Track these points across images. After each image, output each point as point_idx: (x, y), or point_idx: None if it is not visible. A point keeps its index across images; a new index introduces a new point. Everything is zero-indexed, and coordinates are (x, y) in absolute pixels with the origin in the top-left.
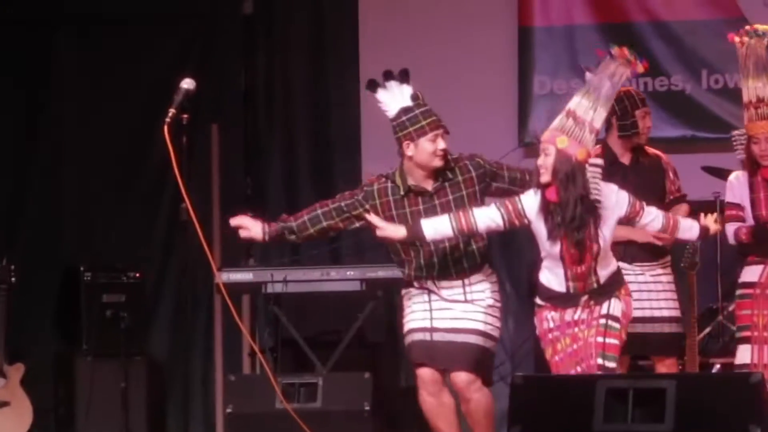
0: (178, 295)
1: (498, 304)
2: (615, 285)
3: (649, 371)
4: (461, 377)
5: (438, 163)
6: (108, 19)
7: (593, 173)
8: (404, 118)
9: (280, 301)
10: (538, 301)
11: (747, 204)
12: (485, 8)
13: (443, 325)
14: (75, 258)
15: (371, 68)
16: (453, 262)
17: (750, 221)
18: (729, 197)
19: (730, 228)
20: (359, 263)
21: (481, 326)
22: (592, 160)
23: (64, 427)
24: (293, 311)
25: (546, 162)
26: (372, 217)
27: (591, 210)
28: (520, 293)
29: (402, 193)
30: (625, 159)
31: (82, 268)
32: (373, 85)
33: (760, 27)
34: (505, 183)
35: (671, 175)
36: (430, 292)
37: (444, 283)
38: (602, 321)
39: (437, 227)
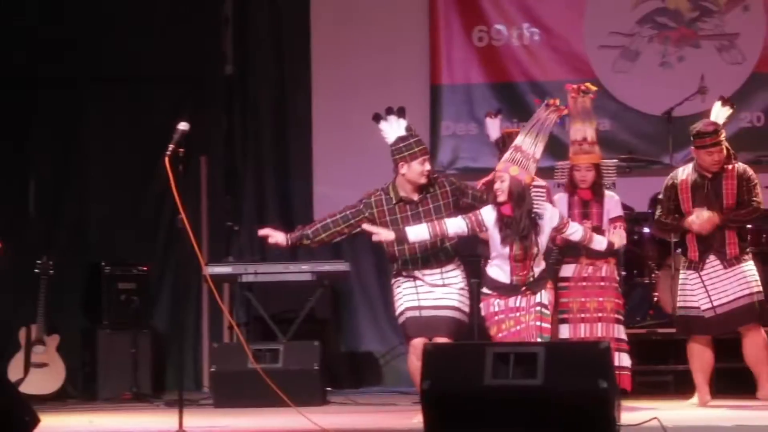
0: (175, 283)
1: (467, 287)
2: (545, 279)
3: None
4: (443, 342)
5: (424, 180)
6: (121, 79)
7: (537, 193)
8: (401, 144)
9: (252, 288)
10: (485, 290)
11: None
12: (404, 67)
13: (428, 303)
14: (98, 256)
15: (321, 118)
16: (432, 255)
17: None
18: None
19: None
20: (311, 260)
21: (456, 303)
22: (536, 182)
23: (89, 383)
24: (262, 295)
25: (502, 186)
26: (368, 227)
27: (534, 223)
28: None
29: (394, 202)
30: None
31: (103, 263)
32: (377, 118)
33: (589, 86)
34: (469, 198)
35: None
36: (415, 278)
37: (426, 272)
38: (537, 308)
39: (418, 232)
